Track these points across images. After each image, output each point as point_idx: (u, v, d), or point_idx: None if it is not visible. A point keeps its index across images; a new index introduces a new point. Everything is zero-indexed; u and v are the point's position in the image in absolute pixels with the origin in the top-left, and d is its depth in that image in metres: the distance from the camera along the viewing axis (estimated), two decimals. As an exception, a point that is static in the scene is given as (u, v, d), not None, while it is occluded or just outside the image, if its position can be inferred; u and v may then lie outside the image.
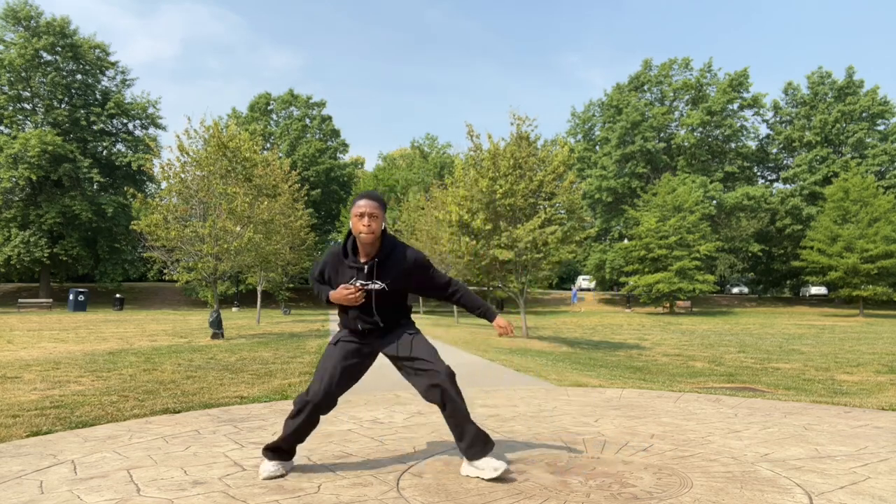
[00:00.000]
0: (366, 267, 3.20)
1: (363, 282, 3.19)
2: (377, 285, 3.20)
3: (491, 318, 3.37)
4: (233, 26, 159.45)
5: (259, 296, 24.46)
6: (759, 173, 54.50)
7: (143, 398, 5.83)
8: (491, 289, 33.44)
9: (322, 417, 3.34)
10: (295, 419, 3.18)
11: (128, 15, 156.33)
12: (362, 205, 3.14)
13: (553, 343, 15.62)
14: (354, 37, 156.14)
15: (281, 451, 3.24)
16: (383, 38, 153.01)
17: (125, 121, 44.88)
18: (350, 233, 3.27)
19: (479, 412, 4.96)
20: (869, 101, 47.49)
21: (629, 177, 49.62)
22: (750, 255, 49.25)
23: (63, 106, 41.96)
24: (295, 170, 25.77)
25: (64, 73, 41.02)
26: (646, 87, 52.34)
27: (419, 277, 3.30)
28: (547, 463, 3.46)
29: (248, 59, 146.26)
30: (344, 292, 3.14)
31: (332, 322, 22.21)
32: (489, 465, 3.12)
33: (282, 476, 3.19)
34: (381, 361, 3.77)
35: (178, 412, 5.11)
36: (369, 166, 71.22)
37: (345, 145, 53.93)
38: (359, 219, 3.14)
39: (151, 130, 45.35)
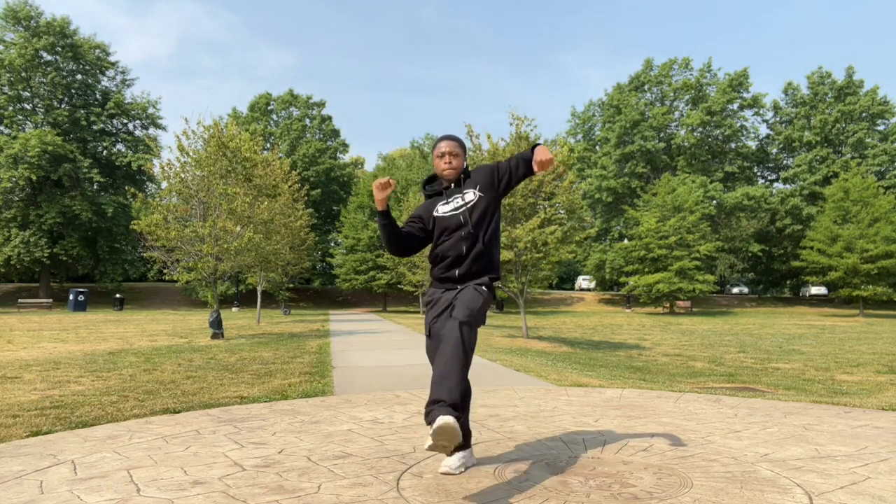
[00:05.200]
0: (452, 184, 3.25)
1: (453, 197, 3.21)
2: (471, 194, 3.19)
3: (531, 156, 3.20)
4: (227, 24, 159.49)
5: (259, 296, 24.46)
6: (759, 173, 54.50)
7: (143, 398, 5.83)
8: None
9: (322, 417, 3.34)
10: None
11: (122, 13, 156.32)
12: (443, 145, 3.23)
13: (553, 343, 15.62)
14: (351, 35, 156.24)
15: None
16: (381, 37, 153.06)
17: (125, 121, 44.91)
18: (431, 177, 3.37)
19: (480, 412, 4.96)
20: (869, 101, 47.49)
21: (629, 177, 49.62)
22: (750, 255, 49.24)
23: (63, 106, 41.96)
24: (295, 170, 25.78)
25: (64, 73, 41.02)
26: (646, 87, 52.33)
27: (500, 175, 3.24)
28: (547, 463, 3.46)
29: (243, 58, 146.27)
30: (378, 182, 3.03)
31: (333, 322, 22.21)
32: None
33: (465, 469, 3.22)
34: (382, 361, 3.76)
35: (178, 412, 5.11)
36: (369, 166, 71.29)
37: (345, 145, 53.96)
38: (440, 159, 3.24)
39: (151, 130, 45.42)
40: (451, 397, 2.73)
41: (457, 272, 3.17)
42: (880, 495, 2.89)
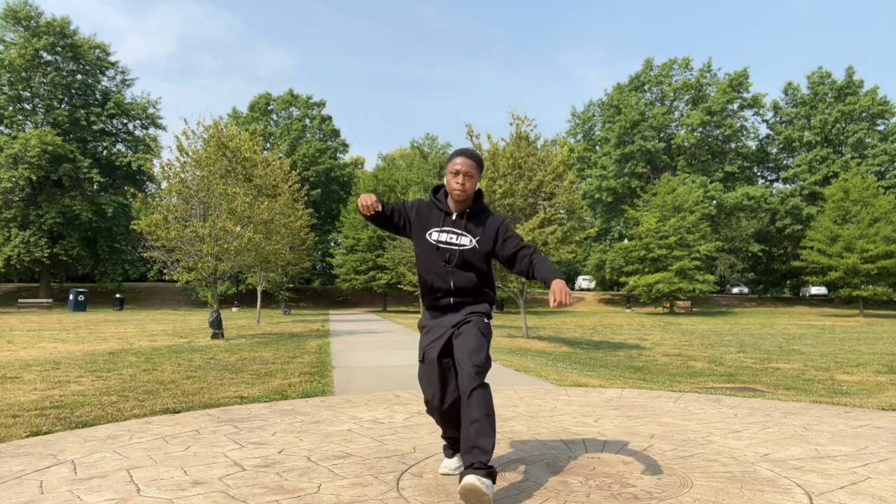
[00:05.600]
0: (455, 215, 3.06)
1: (451, 229, 3.04)
2: (466, 240, 3.03)
3: (549, 279, 2.93)
4: (227, 24, 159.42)
5: (259, 296, 24.47)
6: (759, 173, 54.51)
7: (143, 398, 5.83)
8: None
9: (322, 417, 3.35)
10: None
11: (121, 13, 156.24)
12: (458, 162, 3.00)
13: (553, 343, 15.62)
14: (351, 35, 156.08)
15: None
16: (381, 37, 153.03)
17: (125, 121, 44.93)
18: (440, 186, 3.19)
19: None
20: (869, 101, 47.50)
21: (629, 177, 49.63)
22: (750, 255, 49.25)
23: (63, 106, 41.97)
24: (295, 170, 25.77)
25: (64, 73, 41.03)
26: (646, 87, 52.34)
27: (503, 242, 3.06)
28: (547, 463, 3.46)
29: (243, 58, 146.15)
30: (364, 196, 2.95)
31: (333, 322, 22.21)
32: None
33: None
34: (382, 361, 3.76)
35: (178, 412, 5.11)
36: (369, 166, 71.28)
37: (345, 145, 53.96)
38: (453, 176, 3.01)
39: (151, 130, 45.43)
40: (478, 461, 2.73)
41: (451, 300, 3.08)
42: (880, 495, 2.89)
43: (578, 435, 4.18)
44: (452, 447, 3.26)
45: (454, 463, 3.22)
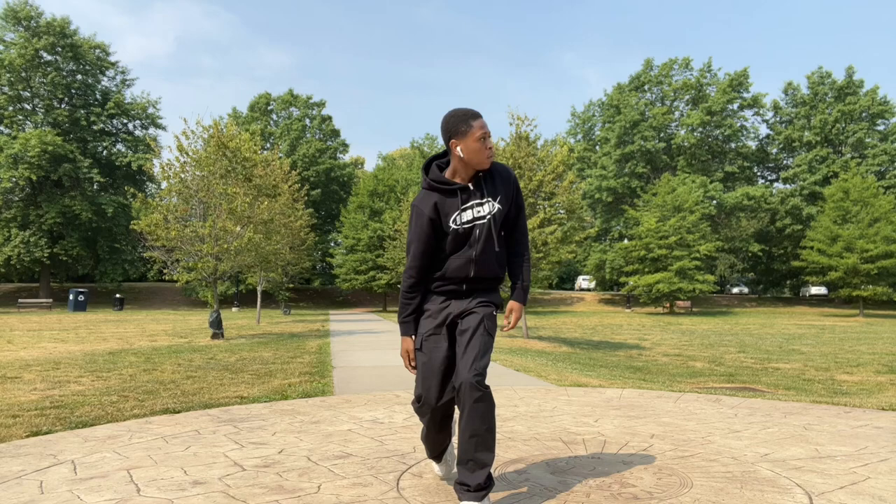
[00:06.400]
0: (471, 184, 2.67)
1: (473, 203, 2.67)
2: (489, 206, 2.67)
3: (512, 297, 2.80)
4: (226, 24, 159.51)
5: (259, 296, 24.47)
6: (759, 173, 54.50)
7: (143, 398, 5.83)
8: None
9: (322, 417, 3.32)
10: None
11: (120, 13, 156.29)
12: (483, 124, 2.61)
13: (553, 343, 15.62)
14: (351, 35, 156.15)
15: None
16: (381, 36, 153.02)
17: (125, 121, 44.94)
18: (430, 162, 2.80)
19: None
20: (869, 101, 47.49)
21: (629, 177, 49.63)
22: (750, 255, 49.25)
23: (63, 106, 41.98)
24: (295, 170, 25.77)
25: (64, 74, 41.04)
26: (646, 87, 52.34)
27: (518, 206, 2.79)
28: (547, 463, 3.45)
29: (243, 58, 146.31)
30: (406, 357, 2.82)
31: (333, 322, 22.20)
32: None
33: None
34: (382, 361, 3.75)
35: (178, 412, 5.11)
36: (369, 166, 71.27)
37: (345, 145, 53.96)
38: (481, 142, 2.59)
39: (151, 130, 45.45)
40: (476, 484, 2.56)
41: (464, 287, 2.75)
42: (880, 495, 2.89)
43: (578, 435, 4.18)
44: (432, 451, 3.03)
45: (441, 469, 3.09)
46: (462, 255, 2.69)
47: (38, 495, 2.93)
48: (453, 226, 2.66)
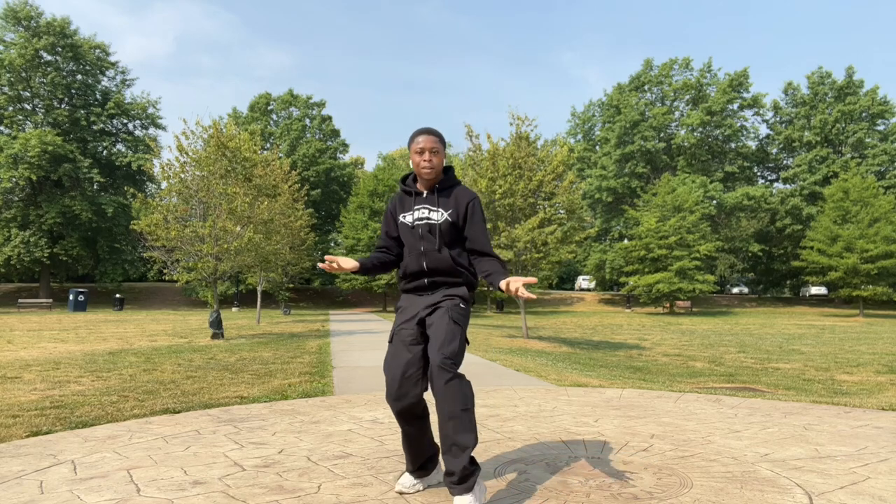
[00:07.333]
0: (425, 193, 3.00)
1: (422, 206, 2.97)
2: (438, 215, 2.93)
3: (499, 282, 2.85)
4: (226, 24, 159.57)
5: (259, 296, 24.47)
6: (759, 173, 54.51)
7: (143, 398, 5.83)
8: (490, 289, 33.43)
9: (322, 417, 3.32)
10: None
11: (120, 13, 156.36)
12: (421, 140, 2.92)
13: (553, 343, 15.62)
14: (349, 35, 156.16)
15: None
16: (381, 36, 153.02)
17: (125, 121, 44.92)
18: (409, 174, 3.13)
19: (480, 412, 4.95)
20: (869, 101, 47.49)
21: (629, 177, 49.63)
22: (750, 255, 49.26)
23: (63, 106, 41.97)
24: (295, 170, 25.77)
25: (64, 74, 41.03)
26: (646, 87, 52.34)
27: (471, 223, 2.96)
28: (547, 463, 3.45)
29: (242, 57, 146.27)
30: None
31: (333, 322, 22.21)
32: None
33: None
34: (382, 361, 3.74)
35: (178, 412, 5.11)
36: (369, 166, 71.25)
37: (345, 145, 53.95)
38: (419, 155, 2.93)
39: (151, 130, 45.43)
40: (461, 469, 2.60)
41: (425, 281, 2.94)
42: (880, 495, 2.89)
43: (578, 435, 4.18)
44: (412, 463, 2.95)
45: (409, 480, 2.97)
46: (413, 251, 2.97)
47: (38, 495, 2.93)
48: (402, 220, 3.02)
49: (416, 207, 2.99)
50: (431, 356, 2.70)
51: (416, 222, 2.96)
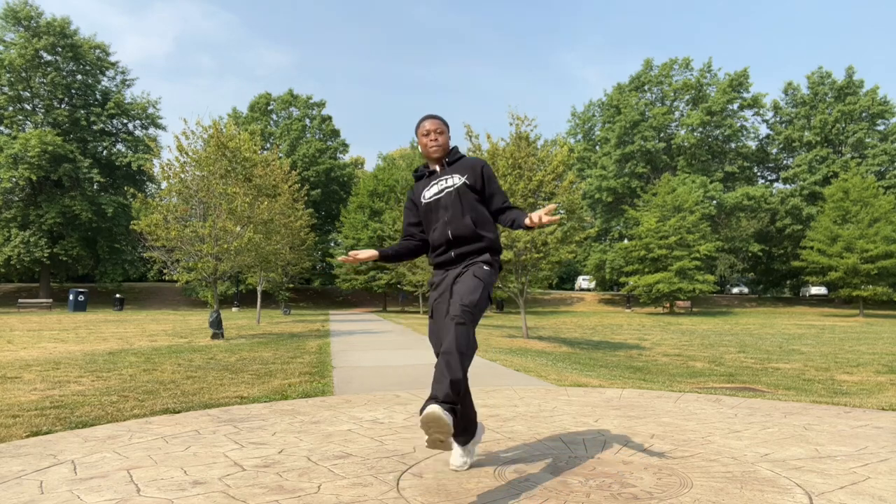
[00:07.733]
0: (438, 168, 3.26)
1: (437, 181, 3.22)
2: (454, 180, 3.18)
3: (522, 221, 3.08)
4: (225, 24, 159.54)
5: (259, 296, 24.47)
6: (759, 173, 54.51)
7: (143, 398, 5.83)
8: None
9: (322, 417, 3.34)
10: None
11: (120, 13, 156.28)
12: (427, 124, 3.23)
13: (553, 343, 15.62)
14: (350, 35, 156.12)
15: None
16: (381, 36, 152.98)
17: (125, 121, 44.92)
18: (419, 166, 3.40)
19: (480, 412, 4.94)
20: (869, 101, 47.49)
21: (629, 177, 49.63)
22: (750, 255, 49.26)
23: (63, 106, 41.97)
24: (295, 170, 25.77)
25: (64, 74, 41.03)
26: (646, 87, 52.34)
27: (489, 183, 3.23)
28: (547, 463, 3.45)
29: (242, 57, 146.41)
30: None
31: (333, 322, 22.21)
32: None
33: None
34: (382, 361, 3.74)
35: (178, 412, 5.11)
36: (369, 166, 71.23)
37: (345, 145, 53.95)
38: (426, 137, 3.22)
39: (151, 130, 45.42)
40: (444, 394, 2.68)
41: (452, 253, 3.15)
42: (880, 495, 2.89)
43: (578, 435, 4.18)
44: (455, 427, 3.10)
45: (458, 454, 3.26)
46: (438, 224, 3.17)
47: (38, 495, 2.93)
48: (423, 200, 3.24)
49: (432, 183, 3.23)
50: (452, 306, 2.90)
51: (437, 195, 3.19)
